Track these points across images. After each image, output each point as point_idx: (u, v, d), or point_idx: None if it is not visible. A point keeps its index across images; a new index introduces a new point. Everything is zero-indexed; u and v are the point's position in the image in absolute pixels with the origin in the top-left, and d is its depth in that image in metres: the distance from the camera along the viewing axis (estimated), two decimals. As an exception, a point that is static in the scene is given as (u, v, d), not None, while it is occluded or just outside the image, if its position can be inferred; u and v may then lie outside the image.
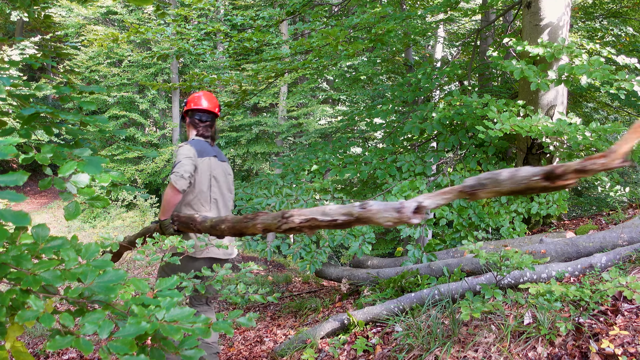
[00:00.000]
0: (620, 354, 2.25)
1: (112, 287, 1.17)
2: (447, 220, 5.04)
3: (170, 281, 1.35)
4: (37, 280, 1.13)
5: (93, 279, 1.18)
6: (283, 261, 10.06)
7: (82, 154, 1.28)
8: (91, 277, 1.18)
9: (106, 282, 1.18)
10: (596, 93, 8.22)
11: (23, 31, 17.80)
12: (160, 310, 1.17)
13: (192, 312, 1.18)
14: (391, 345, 3.16)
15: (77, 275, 1.17)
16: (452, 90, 7.87)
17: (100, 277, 1.19)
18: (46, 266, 1.16)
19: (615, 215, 4.99)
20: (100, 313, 1.13)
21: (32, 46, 11.82)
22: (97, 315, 1.12)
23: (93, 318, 1.11)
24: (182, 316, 1.16)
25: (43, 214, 13.88)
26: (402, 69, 11.23)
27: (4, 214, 1.12)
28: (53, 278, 1.14)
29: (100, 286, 1.17)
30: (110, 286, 1.17)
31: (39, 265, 1.17)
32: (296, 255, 4.70)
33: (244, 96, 6.72)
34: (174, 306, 1.19)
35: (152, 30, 5.94)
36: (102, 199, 1.38)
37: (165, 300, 1.20)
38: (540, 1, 5.01)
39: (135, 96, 15.43)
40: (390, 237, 13.99)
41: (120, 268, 1.30)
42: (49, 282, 1.14)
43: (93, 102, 1.56)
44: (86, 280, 1.18)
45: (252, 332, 4.68)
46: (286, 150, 15.23)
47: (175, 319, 1.15)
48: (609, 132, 4.40)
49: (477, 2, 14.17)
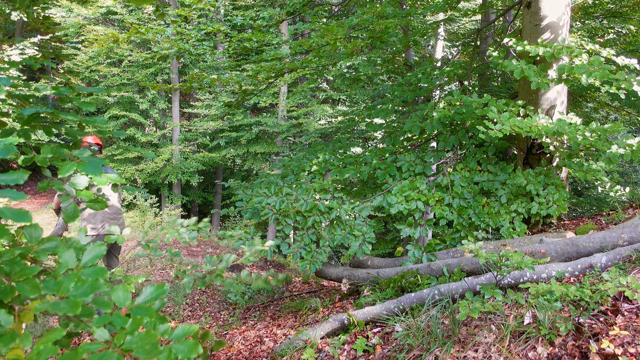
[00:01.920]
0: (620, 354, 2.25)
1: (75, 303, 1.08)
2: (447, 220, 5.04)
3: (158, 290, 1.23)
4: (11, 290, 1.08)
5: (66, 292, 1.11)
6: (283, 261, 10.06)
7: (81, 155, 1.28)
8: (65, 289, 1.11)
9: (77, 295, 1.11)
10: (596, 93, 8.21)
11: (23, 31, 17.80)
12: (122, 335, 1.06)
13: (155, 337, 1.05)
14: (391, 345, 3.16)
15: (54, 287, 1.12)
16: (452, 90, 7.88)
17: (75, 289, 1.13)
18: (28, 273, 1.10)
19: (615, 215, 4.99)
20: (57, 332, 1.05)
21: (31, 46, 11.81)
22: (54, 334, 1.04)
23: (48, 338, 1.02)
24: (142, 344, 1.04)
25: (43, 214, 13.88)
26: (402, 69, 11.24)
27: (4, 211, 1.11)
28: (30, 288, 1.09)
29: (66, 301, 1.09)
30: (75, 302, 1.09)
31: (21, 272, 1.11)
32: (296, 255, 4.70)
33: (244, 96, 6.71)
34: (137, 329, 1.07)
35: (152, 31, 5.94)
36: (101, 201, 1.38)
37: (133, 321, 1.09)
38: (540, 1, 5.01)
39: (135, 96, 15.42)
40: (390, 237, 14.00)
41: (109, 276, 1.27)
42: (24, 293, 1.09)
43: (92, 104, 1.56)
44: (59, 292, 1.11)
45: (252, 332, 4.68)
46: (286, 150, 15.23)
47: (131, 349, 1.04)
48: (609, 132, 4.40)
49: (477, 2, 14.17)
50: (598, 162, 4.78)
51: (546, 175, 5.05)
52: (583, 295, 2.58)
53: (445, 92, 9.55)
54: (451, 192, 5.12)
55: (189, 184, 16.55)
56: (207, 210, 18.80)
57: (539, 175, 5.06)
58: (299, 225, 4.77)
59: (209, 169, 17.21)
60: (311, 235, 4.77)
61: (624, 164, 11.58)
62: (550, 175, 5.07)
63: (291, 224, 4.76)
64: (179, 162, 15.18)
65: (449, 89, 10.24)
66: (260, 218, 4.80)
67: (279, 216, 4.75)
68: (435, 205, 5.01)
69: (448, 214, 4.98)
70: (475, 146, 5.56)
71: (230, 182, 5.55)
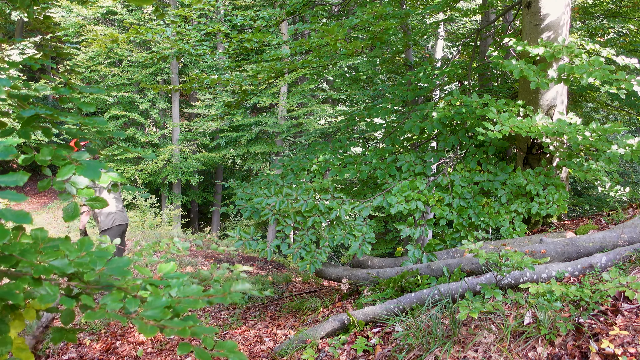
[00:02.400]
0: (620, 354, 2.25)
1: (125, 270, 1.26)
2: (447, 220, 5.04)
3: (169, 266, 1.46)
4: (48, 269, 1.18)
5: (103, 266, 1.26)
6: (283, 261, 10.07)
7: (80, 158, 1.28)
8: (100, 264, 1.26)
9: (117, 267, 1.27)
10: (596, 93, 8.21)
11: (23, 31, 17.80)
12: (172, 289, 1.30)
13: (200, 289, 1.30)
14: (391, 345, 3.16)
15: (85, 264, 1.24)
16: (452, 90, 7.87)
17: (109, 263, 1.28)
18: (54, 255, 1.22)
19: (615, 215, 4.99)
20: (117, 294, 1.22)
21: (31, 46, 11.81)
22: (114, 295, 1.21)
23: (113, 297, 1.20)
24: (193, 292, 1.28)
25: (43, 214, 13.88)
26: (402, 69, 11.23)
27: (4, 213, 1.12)
28: (64, 266, 1.20)
29: (114, 269, 1.26)
30: (124, 269, 1.26)
31: (46, 255, 1.22)
32: (296, 255, 4.70)
33: (244, 96, 6.71)
34: (182, 285, 1.31)
35: (152, 31, 5.94)
36: (101, 200, 1.38)
37: (173, 281, 1.33)
38: (540, 1, 5.01)
39: (135, 96, 15.42)
40: (390, 237, 14.00)
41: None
42: (60, 270, 1.19)
43: (92, 104, 1.56)
44: (96, 267, 1.25)
45: (252, 332, 4.69)
46: (286, 150, 15.23)
47: (187, 294, 1.28)
48: (609, 132, 4.40)
49: (477, 2, 14.18)
50: (598, 162, 4.78)
51: (546, 175, 5.05)
52: (583, 295, 2.58)
53: (445, 92, 9.54)
54: (451, 192, 5.12)
55: (189, 184, 16.56)
56: (207, 210, 18.81)
57: (539, 175, 5.06)
58: (299, 226, 4.77)
59: (209, 169, 17.21)
60: (311, 235, 4.78)
61: (624, 164, 11.58)
62: (550, 175, 5.07)
63: (291, 224, 4.76)
64: (179, 162, 15.18)
65: (449, 89, 10.24)
66: (260, 218, 4.80)
67: (279, 216, 4.75)
68: (435, 205, 5.01)
69: (448, 214, 4.98)
70: (475, 146, 5.56)
71: (230, 182, 5.55)
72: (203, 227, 19.07)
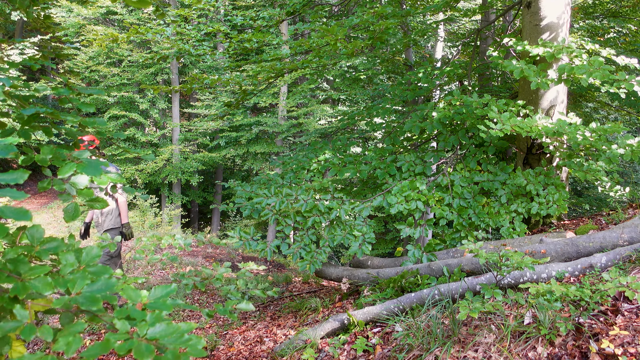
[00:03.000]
0: (620, 354, 2.25)
1: (96, 299, 1.13)
2: (447, 220, 5.04)
3: (167, 289, 1.30)
4: (25, 288, 1.10)
5: (81, 288, 1.15)
6: (283, 261, 10.07)
7: (81, 156, 1.28)
8: (79, 286, 1.15)
9: (94, 291, 1.15)
10: (596, 93, 8.21)
11: (23, 31, 17.80)
12: (145, 326, 1.11)
13: (178, 328, 1.11)
14: (391, 345, 3.16)
15: (67, 284, 1.14)
16: (452, 90, 7.88)
17: (90, 286, 1.16)
18: (38, 272, 1.13)
19: (615, 215, 4.98)
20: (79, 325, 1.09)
21: (31, 47, 11.81)
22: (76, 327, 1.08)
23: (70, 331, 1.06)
24: (166, 334, 1.10)
25: (43, 214, 13.88)
26: (402, 69, 11.23)
27: (4, 210, 1.12)
28: (42, 286, 1.11)
29: (85, 297, 1.13)
30: (95, 297, 1.13)
31: (31, 271, 1.14)
32: (296, 255, 4.70)
33: (244, 96, 6.71)
34: (159, 321, 1.13)
35: (152, 31, 5.94)
36: (101, 200, 1.38)
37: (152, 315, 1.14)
38: (540, 1, 5.01)
39: (135, 96, 15.42)
40: (390, 237, 14.01)
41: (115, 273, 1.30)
42: (37, 290, 1.11)
43: (92, 105, 1.56)
44: (74, 289, 1.14)
45: (252, 332, 4.68)
46: (286, 150, 15.23)
47: (155, 337, 1.08)
48: (609, 132, 4.40)
49: (477, 2, 14.17)
50: (598, 162, 4.78)
51: (546, 175, 5.05)
52: (583, 295, 2.58)
53: (445, 92, 9.54)
54: (451, 192, 5.12)
55: (189, 184, 16.56)
56: (207, 210, 18.81)
57: (539, 175, 5.06)
58: (298, 226, 4.77)
59: (209, 169, 17.21)
60: (311, 235, 4.77)
61: (624, 164, 11.58)
62: (550, 175, 5.07)
63: (291, 225, 4.76)
64: (179, 162, 15.18)
65: (449, 89, 10.24)
66: (259, 218, 4.80)
67: (278, 216, 4.75)
68: (435, 205, 5.01)
69: (448, 214, 4.98)
70: (475, 146, 5.56)
71: (230, 182, 5.55)
72: (203, 227, 19.07)
